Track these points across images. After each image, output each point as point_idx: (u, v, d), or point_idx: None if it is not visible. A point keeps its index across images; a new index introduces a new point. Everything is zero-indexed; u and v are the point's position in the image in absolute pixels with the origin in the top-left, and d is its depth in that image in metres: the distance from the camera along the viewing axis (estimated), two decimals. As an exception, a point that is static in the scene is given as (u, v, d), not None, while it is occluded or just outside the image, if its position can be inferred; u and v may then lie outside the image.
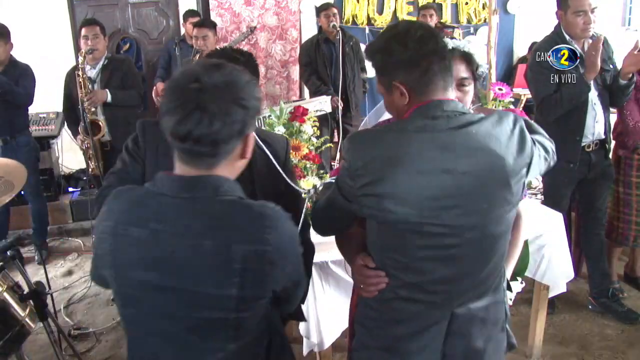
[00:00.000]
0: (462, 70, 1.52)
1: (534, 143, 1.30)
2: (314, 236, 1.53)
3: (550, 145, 1.41)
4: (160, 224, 1.05)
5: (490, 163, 1.19)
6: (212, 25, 4.14)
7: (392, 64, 1.24)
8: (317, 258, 1.86)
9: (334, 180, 1.36)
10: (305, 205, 1.55)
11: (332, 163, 4.67)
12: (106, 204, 1.13)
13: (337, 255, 1.97)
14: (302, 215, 1.47)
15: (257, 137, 1.28)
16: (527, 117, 1.57)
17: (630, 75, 2.56)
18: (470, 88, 1.55)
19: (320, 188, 1.52)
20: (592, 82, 2.54)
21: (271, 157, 1.51)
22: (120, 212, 1.10)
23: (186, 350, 1.10)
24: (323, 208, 1.41)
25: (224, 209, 1.05)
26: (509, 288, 1.56)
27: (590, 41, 2.62)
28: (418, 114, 1.22)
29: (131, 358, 1.20)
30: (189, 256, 1.03)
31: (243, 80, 1.05)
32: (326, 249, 1.74)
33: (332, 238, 1.54)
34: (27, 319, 1.98)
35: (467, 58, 1.54)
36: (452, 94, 1.26)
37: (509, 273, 1.57)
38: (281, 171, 1.52)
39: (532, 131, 1.36)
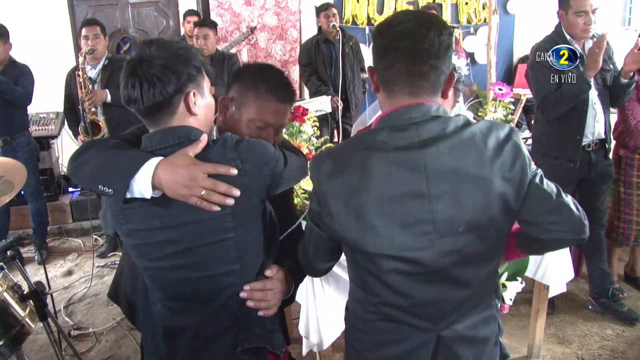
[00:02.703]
0: None
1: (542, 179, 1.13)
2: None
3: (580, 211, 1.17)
4: None
5: (467, 184, 1.08)
6: (213, 25, 4.14)
7: (373, 49, 1.18)
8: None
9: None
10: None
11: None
12: None
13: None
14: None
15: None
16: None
17: (632, 73, 2.57)
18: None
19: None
20: (592, 81, 2.54)
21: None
22: None
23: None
24: (306, 241, 1.32)
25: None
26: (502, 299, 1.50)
27: (591, 41, 2.63)
28: (385, 123, 1.13)
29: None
30: None
31: (168, 51, 1.19)
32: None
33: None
34: (27, 319, 1.97)
35: None
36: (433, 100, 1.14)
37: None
38: None
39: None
